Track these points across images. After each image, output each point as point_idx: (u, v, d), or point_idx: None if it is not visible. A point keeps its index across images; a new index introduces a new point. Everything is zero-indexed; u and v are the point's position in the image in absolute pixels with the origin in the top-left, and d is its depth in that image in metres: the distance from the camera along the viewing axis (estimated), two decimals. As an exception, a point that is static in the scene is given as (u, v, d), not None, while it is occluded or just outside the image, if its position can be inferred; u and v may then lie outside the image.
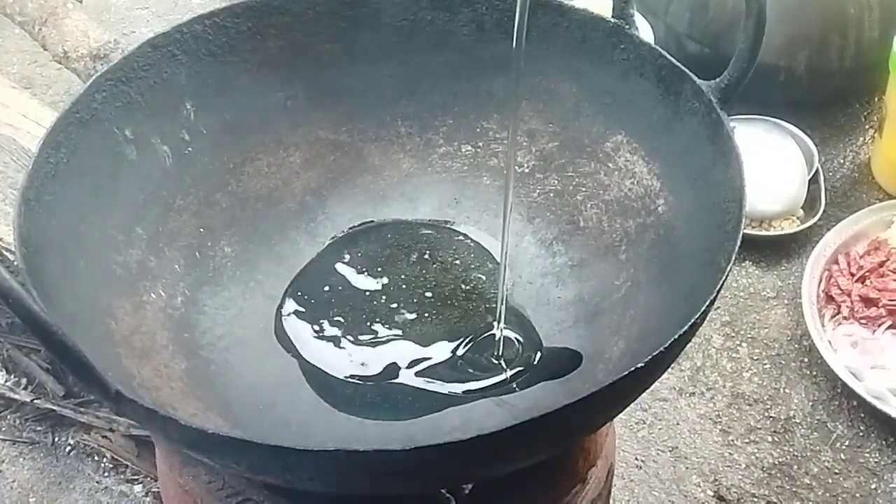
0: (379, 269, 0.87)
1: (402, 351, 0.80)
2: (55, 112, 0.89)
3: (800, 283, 1.34)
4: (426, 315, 0.83)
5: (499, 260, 0.87)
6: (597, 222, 0.86)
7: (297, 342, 0.81)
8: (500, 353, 0.80)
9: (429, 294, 0.84)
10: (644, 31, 1.42)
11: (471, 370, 0.79)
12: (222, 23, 0.86)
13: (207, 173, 0.87)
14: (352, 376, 0.79)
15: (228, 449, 0.60)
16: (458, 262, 0.87)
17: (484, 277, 0.86)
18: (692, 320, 0.63)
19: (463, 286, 0.85)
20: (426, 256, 0.88)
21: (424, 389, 0.78)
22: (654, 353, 0.61)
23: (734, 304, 1.38)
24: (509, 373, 0.79)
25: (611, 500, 0.91)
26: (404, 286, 0.85)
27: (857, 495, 1.18)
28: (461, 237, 0.90)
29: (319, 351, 0.80)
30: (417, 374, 0.79)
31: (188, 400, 0.74)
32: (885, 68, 1.46)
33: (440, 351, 0.80)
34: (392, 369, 0.79)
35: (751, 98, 1.14)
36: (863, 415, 1.25)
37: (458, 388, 0.78)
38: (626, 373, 0.60)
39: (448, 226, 0.91)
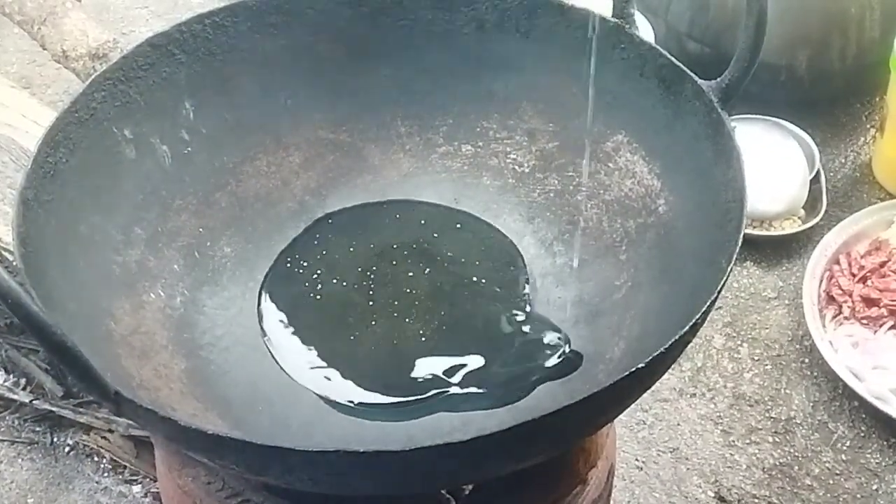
0: (372, 270, 0.86)
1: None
2: (54, 112, 0.89)
3: (801, 283, 1.34)
4: (426, 323, 0.82)
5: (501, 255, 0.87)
6: (597, 222, 0.86)
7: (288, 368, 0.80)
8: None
9: (431, 298, 0.84)
10: (644, 30, 1.42)
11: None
12: (222, 22, 0.86)
13: (207, 173, 0.87)
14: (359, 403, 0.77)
15: (228, 449, 0.59)
16: (460, 254, 0.87)
17: (490, 277, 0.86)
18: (693, 321, 0.63)
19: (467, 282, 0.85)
20: (428, 248, 0.87)
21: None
22: (655, 354, 0.60)
23: (735, 305, 1.38)
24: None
25: (611, 501, 0.91)
26: (398, 285, 0.85)
27: (859, 496, 1.18)
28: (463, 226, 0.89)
29: (315, 377, 0.79)
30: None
31: (188, 400, 0.74)
32: (886, 68, 1.45)
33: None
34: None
35: (752, 98, 1.14)
36: (864, 415, 1.25)
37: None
38: (626, 373, 0.60)
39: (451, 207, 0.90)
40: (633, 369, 0.60)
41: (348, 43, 0.90)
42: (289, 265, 0.86)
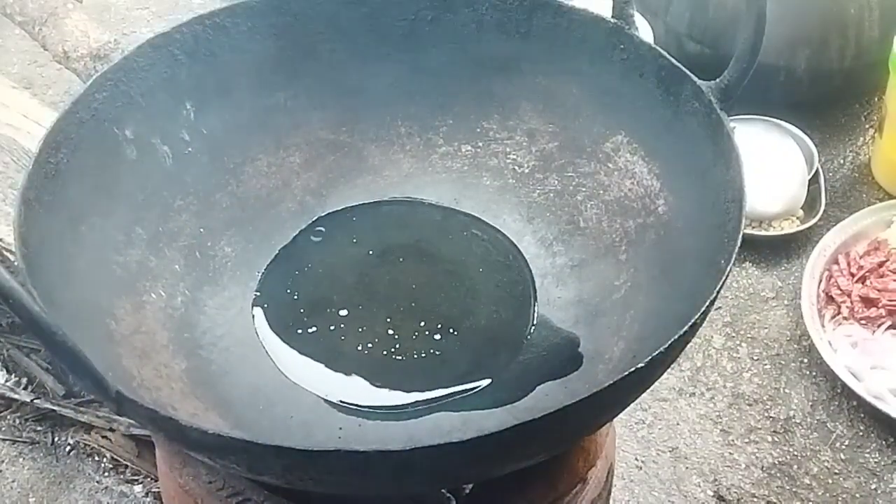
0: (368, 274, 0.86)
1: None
2: (55, 112, 0.89)
3: (800, 283, 1.34)
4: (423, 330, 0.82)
5: (501, 255, 0.87)
6: (597, 222, 0.86)
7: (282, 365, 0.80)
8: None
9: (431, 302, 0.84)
10: (644, 31, 1.42)
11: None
12: (222, 23, 0.86)
13: (207, 173, 0.87)
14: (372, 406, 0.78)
15: (228, 449, 0.60)
16: (460, 255, 0.87)
17: (490, 277, 0.86)
18: (692, 321, 0.63)
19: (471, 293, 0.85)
20: (428, 248, 0.87)
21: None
22: (655, 354, 0.61)
23: (734, 305, 1.38)
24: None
25: (611, 501, 0.91)
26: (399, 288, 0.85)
27: (857, 495, 1.18)
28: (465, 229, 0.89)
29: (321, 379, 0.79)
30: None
31: (188, 400, 0.74)
32: (885, 68, 1.46)
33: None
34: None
35: (751, 98, 1.14)
36: (863, 415, 1.25)
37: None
38: (626, 373, 0.60)
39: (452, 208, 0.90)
40: (633, 369, 0.60)
41: (348, 43, 0.90)
42: (289, 265, 0.86)
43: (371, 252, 0.87)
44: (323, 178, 0.92)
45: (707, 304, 0.64)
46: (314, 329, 0.81)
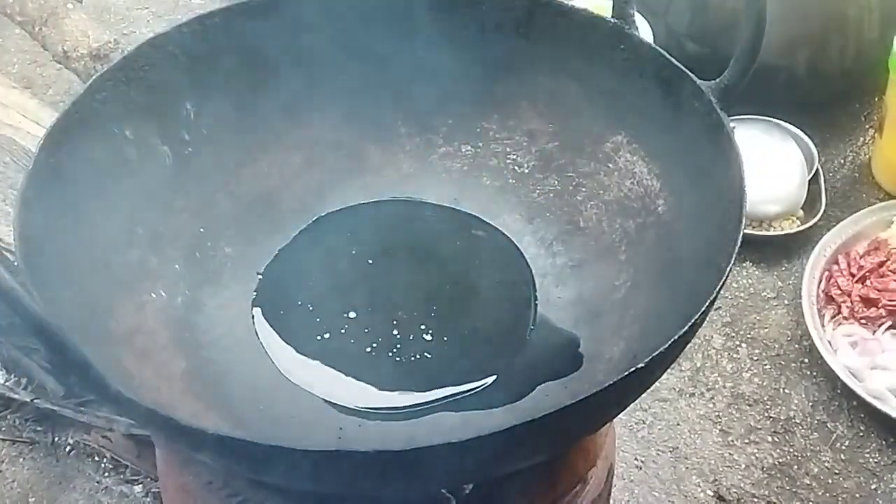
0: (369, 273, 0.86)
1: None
2: (55, 112, 0.89)
3: (800, 283, 1.34)
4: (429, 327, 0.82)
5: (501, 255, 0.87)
6: (597, 222, 0.86)
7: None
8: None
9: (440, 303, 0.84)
10: (644, 31, 1.42)
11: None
12: (223, 23, 0.86)
13: (208, 173, 0.87)
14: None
15: (228, 449, 0.60)
16: (460, 255, 0.87)
17: (490, 277, 0.86)
18: (692, 321, 0.63)
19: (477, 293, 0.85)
20: (428, 248, 0.88)
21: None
22: (655, 354, 0.61)
23: (734, 305, 1.38)
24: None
25: (611, 501, 0.91)
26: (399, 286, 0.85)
27: (857, 496, 1.18)
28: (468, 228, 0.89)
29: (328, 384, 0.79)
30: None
31: (188, 400, 0.74)
32: (885, 68, 1.46)
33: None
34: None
35: (751, 98, 1.14)
36: (863, 415, 1.25)
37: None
38: (626, 373, 0.60)
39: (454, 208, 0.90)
40: (633, 369, 0.60)
41: (348, 43, 0.90)
42: (288, 265, 0.86)
43: (371, 252, 0.87)
44: (323, 177, 0.91)
45: (707, 304, 0.64)
46: (314, 329, 0.81)
